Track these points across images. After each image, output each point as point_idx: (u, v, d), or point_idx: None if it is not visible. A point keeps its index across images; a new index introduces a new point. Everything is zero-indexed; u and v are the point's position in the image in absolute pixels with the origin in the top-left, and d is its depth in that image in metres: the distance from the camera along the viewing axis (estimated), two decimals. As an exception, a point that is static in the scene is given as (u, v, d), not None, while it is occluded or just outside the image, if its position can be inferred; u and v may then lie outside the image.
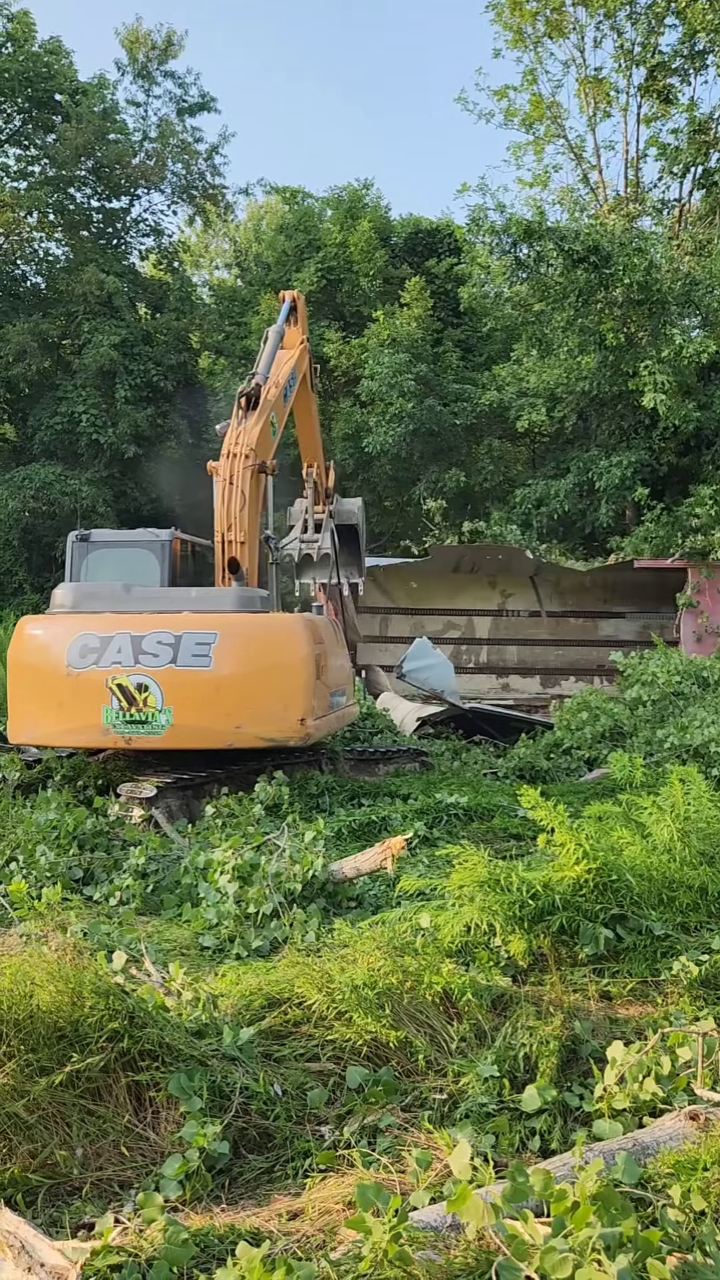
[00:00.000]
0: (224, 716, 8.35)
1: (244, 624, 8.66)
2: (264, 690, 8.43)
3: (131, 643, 8.43)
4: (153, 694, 8.33)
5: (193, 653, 8.35)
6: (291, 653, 8.55)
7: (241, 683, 8.38)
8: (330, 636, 9.95)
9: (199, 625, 8.46)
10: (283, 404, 11.03)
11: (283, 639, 8.64)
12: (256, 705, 8.38)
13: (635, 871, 5.27)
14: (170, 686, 8.33)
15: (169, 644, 8.38)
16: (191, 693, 8.34)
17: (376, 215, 28.44)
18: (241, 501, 9.62)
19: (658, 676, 12.76)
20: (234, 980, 4.51)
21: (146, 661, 8.37)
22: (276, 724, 8.39)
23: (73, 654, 8.51)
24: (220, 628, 8.46)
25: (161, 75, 28.24)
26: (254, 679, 8.43)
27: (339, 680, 9.96)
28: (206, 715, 8.35)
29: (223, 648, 8.36)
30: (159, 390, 25.37)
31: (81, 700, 8.44)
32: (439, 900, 5.55)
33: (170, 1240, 2.67)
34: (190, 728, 8.37)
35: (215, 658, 8.33)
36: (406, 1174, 3.20)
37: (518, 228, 18.14)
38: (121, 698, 8.36)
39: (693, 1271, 2.52)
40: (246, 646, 8.51)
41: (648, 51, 22.96)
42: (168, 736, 8.41)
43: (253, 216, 35.47)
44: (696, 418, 18.00)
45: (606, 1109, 3.58)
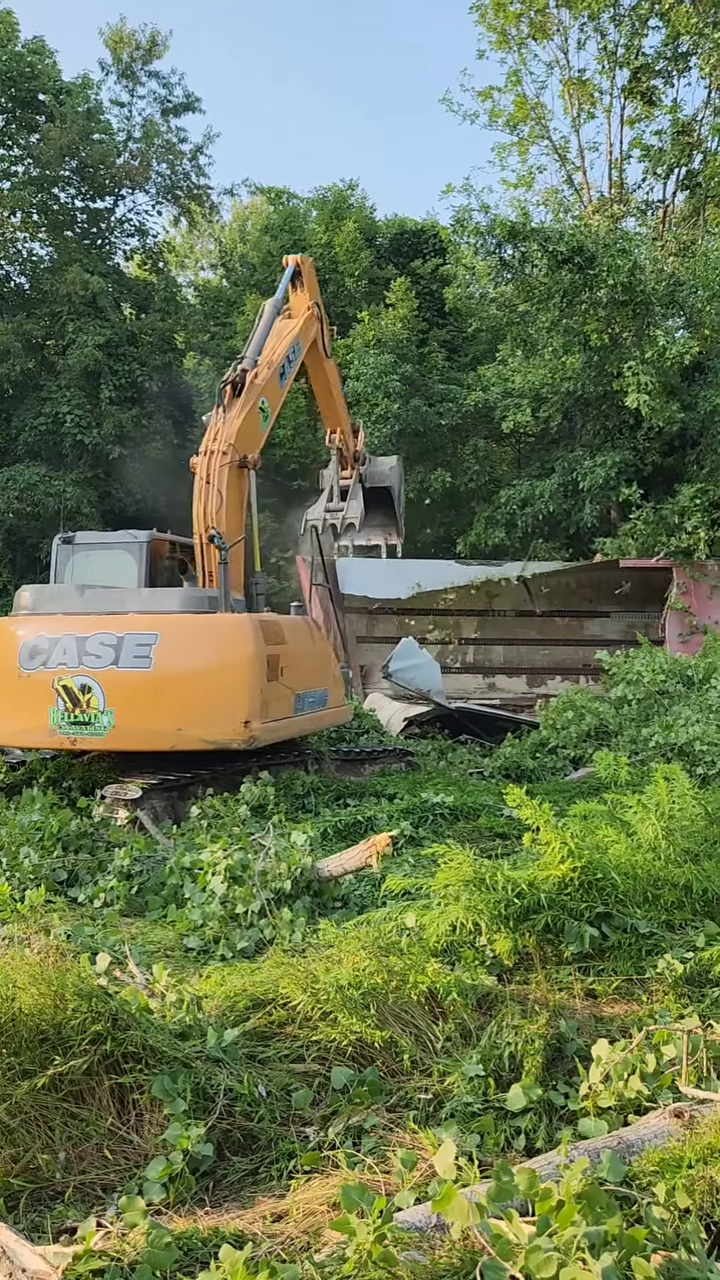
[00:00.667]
0: (165, 718, 8.26)
1: (186, 624, 8.57)
2: (205, 691, 8.31)
3: (76, 644, 8.40)
4: (95, 695, 8.31)
5: (134, 654, 8.30)
6: (235, 653, 8.41)
7: (182, 684, 8.29)
8: (302, 637, 9.80)
9: (141, 626, 8.41)
10: (278, 383, 10.78)
11: (226, 639, 8.49)
12: (198, 707, 8.27)
13: (620, 870, 5.27)
14: (112, 687, 8.29)
15: (111, 645, 8.34)
16: (133, 694, 8.28)
17: (361, 216, 28.45)
18: (219, 501, 9.49)
19: (643, 675, 12.79)
20: (219, 981, 4.49)
21: (90, 663, 8.36)
22: (218, 726, 8.26)
23: (24, 655, 8.51)
24: (162, 628, 8.40)
25: (146, 75, 28.16)
26: (195, 680, 8.34)
27: (312, 682, 9.79)
28: (148, 717, 8.27)
29: (163, 648, 8.30)
30: (144, 391, 25.29)
31: (31, 701, 8.44)
32: (424, 900, 5.54)
33: (153, 1243, 2.65)
34: (132, 729, 8.31)
35: (156, 658, 8.27)
36: (391, 1174, 3.19)
37: (502, 229, 18.16)
38: (66, 699, 8.35)
39: (678, 1269, 2.51)
40: (188, 647, 8.42)
41: (631, 53, 23.03)
42: (110, 738, 8.36)
43: (238, 217, 35.41)
44: (680, 418, 18.06)
45: (592, 1107, 3.58)
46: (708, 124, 22.49)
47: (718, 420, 17.76)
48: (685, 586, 17.78)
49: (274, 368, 10.64)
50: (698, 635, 17.20)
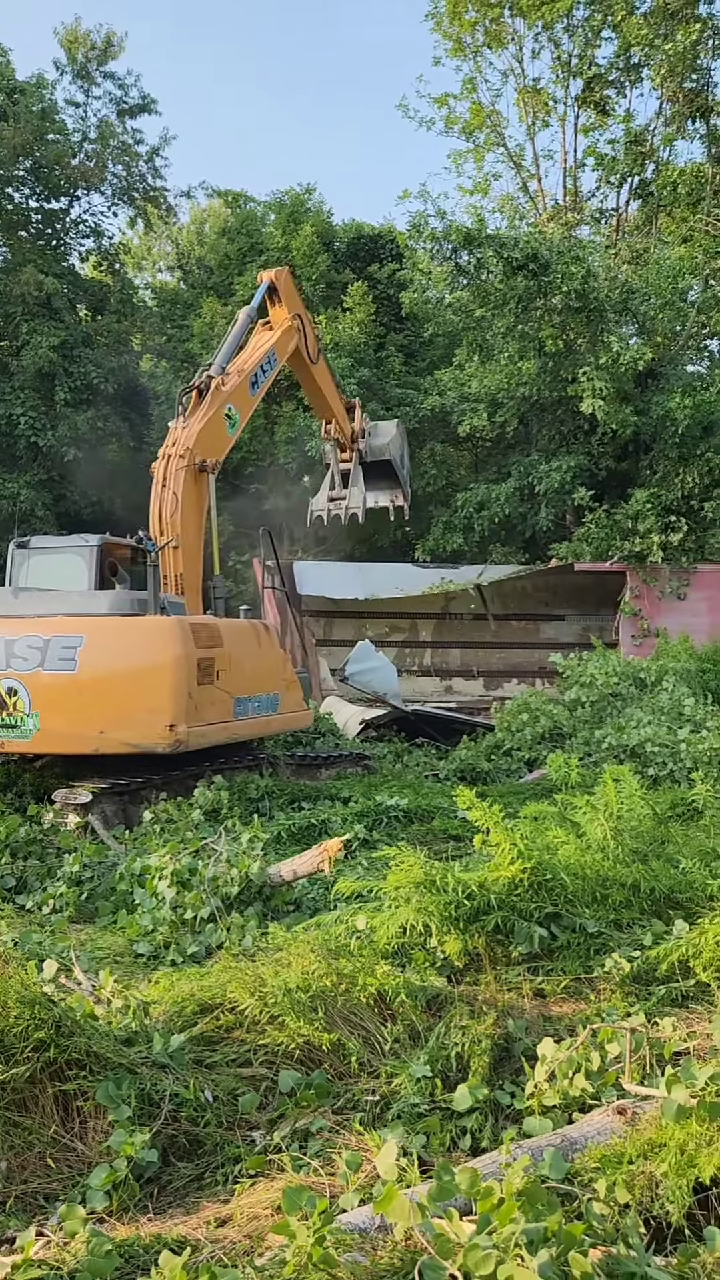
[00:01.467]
0: (88, 721, 8.24)
1: (111, 627, 8.56)
2: (128, 694, 8.29)
3: (4, 646, 8.39)
4: (21, 698, 8.29)
5: (59, 656, 8.29)
6: (160, 655, 8.37)
7: (105, 686, 8.27)
8: (245, 640, 9.75)
9: (67, 629, 8.40)
10: (249, 392, 10.84)
11: (151, 642, 8.46)
12: (121, 710, 8.25)
13: (569, 870, 5.32)
14: (37, 690, 8.28)
15: (38, 648, 8.34)
16: (57, 696, 8.26)
17: (319, 220, 28.44)
18: (174, 504, 9.54)
19: (596, 678, 12.92)
20: (167, 987, 4.46)
21: (17, 665, 8.35)
22: (142, 729, 8.23)
23: None
24: (87, 631, 8.39)
25: (101, 76, 27.96)
26: (118, 683, 8.31)
27: (258, 685, 9.76)
28: (72, 720, 8.26)
29: (88, 651, 8.29)
30: (99, 393, 25.07)
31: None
32: (376, 902, 5.55)
33: (93, 1252, 2.63)
34: (57, 732, 8.30)
35: (80, 661, 8.26)
36: (336, 1177, 3.19)
37: (458, 235, 18.26)
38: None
39: (616, 1264, 2.54)
40: (112, 650, 8.40)
41: (584, 63, 23.28)
42: (35, 741, 8.35)
43: (195, 219, 35.26)
44: (634, 423, 18.27)
45: (537, 1106, 3.61)
46: (659, 134, 22.80)
47: (670, 426, 17.99)
48: (638, 590, 17.99)
49: (244, 376, 10.72)
50: (650, 638, 17.41)
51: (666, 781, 9.62)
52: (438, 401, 22.39)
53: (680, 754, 9.97)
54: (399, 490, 14.46)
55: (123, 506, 26.68)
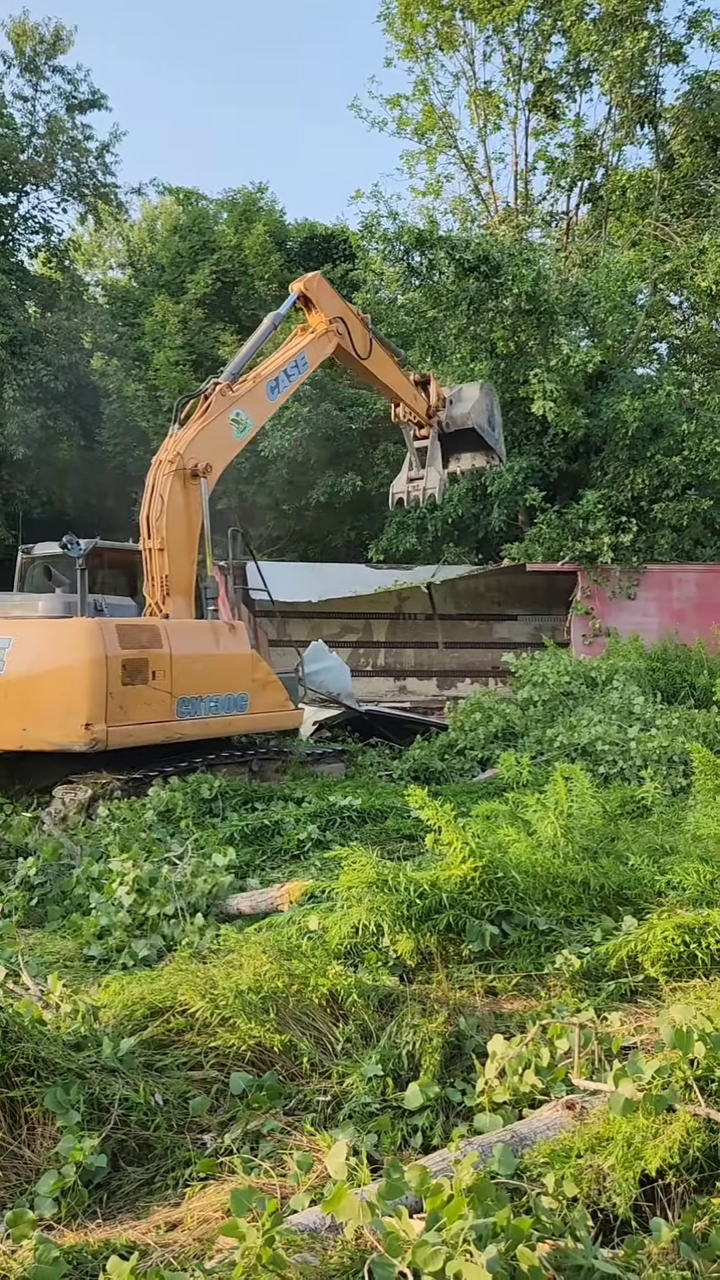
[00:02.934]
0: (13, 719, 8.68)
1: (38, 629, 9.01)
2: (47, 694, 8.67)
3: None
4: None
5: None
6: (75, 656, 8.68)
7: (26, 686, 8.68)
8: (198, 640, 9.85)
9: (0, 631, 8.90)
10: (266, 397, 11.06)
11: (68, 643, 8.80)
12: (41, 709, 8.64)
13: (520, 868, 5.36)
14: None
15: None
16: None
17: (271, 219, 28.40)
18: (160, 507, 9.72)
19: (548, 677, 13.03)
20: (116, 990, 4.43)
21: None
22: (59, 728, 8.57)
23: None
24: (15, 632, 8.87)
25: (50, 70, 27.66)
26: (39, 682, 8.70)
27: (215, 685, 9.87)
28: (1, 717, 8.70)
29: (15, 652, 8.75)
30: (49, 391, 24.80)
31: None
32: (329, 903, 5.56)
33: (41, 1258, 2.60)
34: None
35: (8, 661, 8.71)
36: (288, 1178, 3.19)
37: (410, 236, 18.32)
38: None
39: (564, 1257, 2.56)
40: (36, 650, 8.80)
41: (535, 67, 23.49)
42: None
43: (147, 216, 35.00)
44: (585, 424, 18.46)
45: (487, 1103, 3.63)
46: (609, 139, 23.07)
47: (620, 428, 18.21)
48: (589, 590, 18.19)
49: (261, 381, 10.99)
50: (601, 637, 17.62)
51: (617, 779, 9.74)
52: (391, 402, 22.43)
53: (630, 752, 10.10)
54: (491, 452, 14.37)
55: (74, 506, 26.43)
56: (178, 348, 25.34)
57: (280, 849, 7.66)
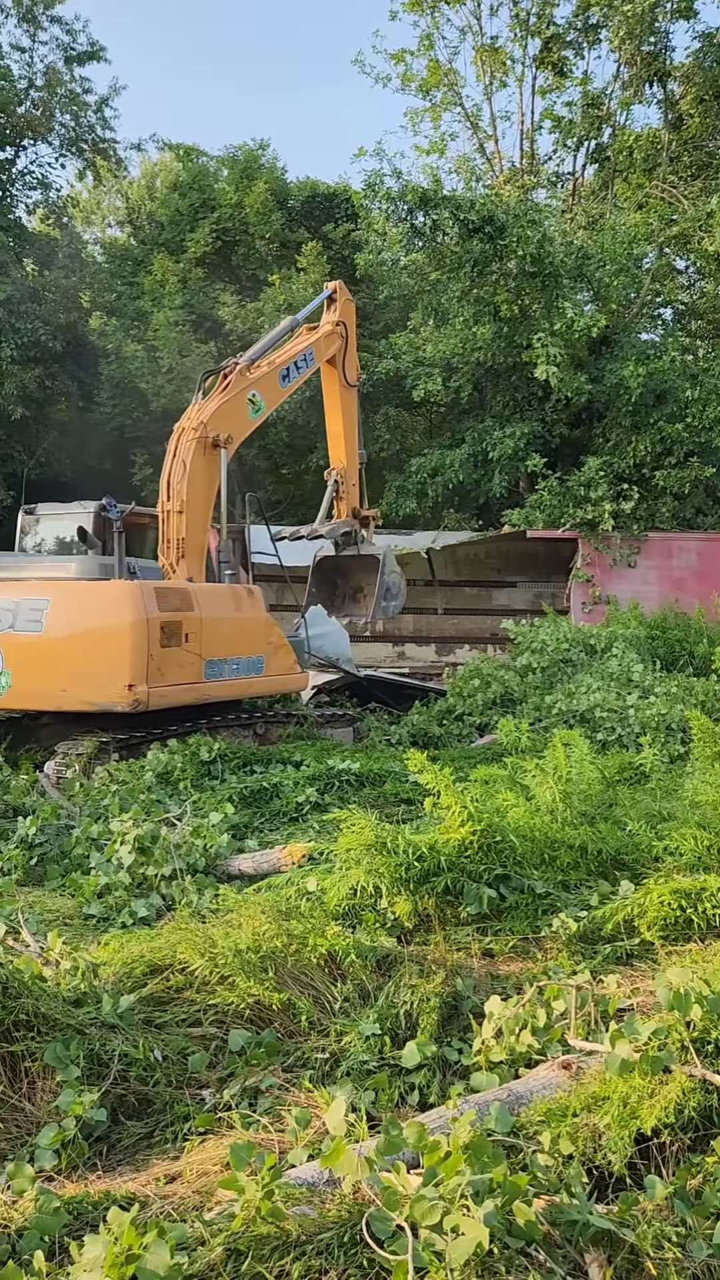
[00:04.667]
0: (52, 680, 8.76)
1: (76, 590, 9.03)
2: (88, 655, 8.75)
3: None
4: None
5: (27, 618, 8.79)
6: (118, 618, 8.74)
7: (67, 647, 8.75)
8: (221, 603, 9.99)
9: (35, 592, 8.93)
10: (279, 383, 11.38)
11: (110, 605, 8.85)
12: (81, 669, 8.72)
13: (518, 832, 5.38)
14: (9, 650, 8.83)
15: (9, 609, 8.87)
16: (26, 656, 8.80)
17: (273, 177, 27.96)
18: (181, 471, 9.87)
19: (547, 644, 13.03)
20: (116, 948, 4.45)
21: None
22: (101, 689, 8.66)
23: None
24: (52, 594, 8.90)
25: (48, 20, 27.07)
26: (78, 643, 8.77)
27: (236, 648, 10.03)
28: (38, 678, 8.80)
29: (53, 613, 8.79)
30: (47, 350, 24.51)
31: None
32: (327, 864, 5.58)
33: (41, 1209, 2.63)
34: (24, 690, 8.88)
35: (46, 623, 8.77)
36: (286, 1133, 3.22)
37: (414, 195, 18.07)
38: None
39: (559, 1212, 2.59)
40: (74, 612, 8.87)
41: (543, 22, 23.05)
42: (7, 698, 8.92)
43: (146, 173, 34.45)
44: (588, 390, 18.32)
45: (484, 1062, 3.66)
46: (616, 98, 22.70)
47: (623, 394, 18.06)
48: (589, 557, 18.15)
49: (276, 367, 11.30)
50: (601, 605, 17.60)
51: (615, 746, 9.76)
52: (392, 365, 22.25)
53: (628, 719, 10.11)
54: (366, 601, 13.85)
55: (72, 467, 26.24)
56: (177, 307, 25.05)
57: (279, 811, 7.68)
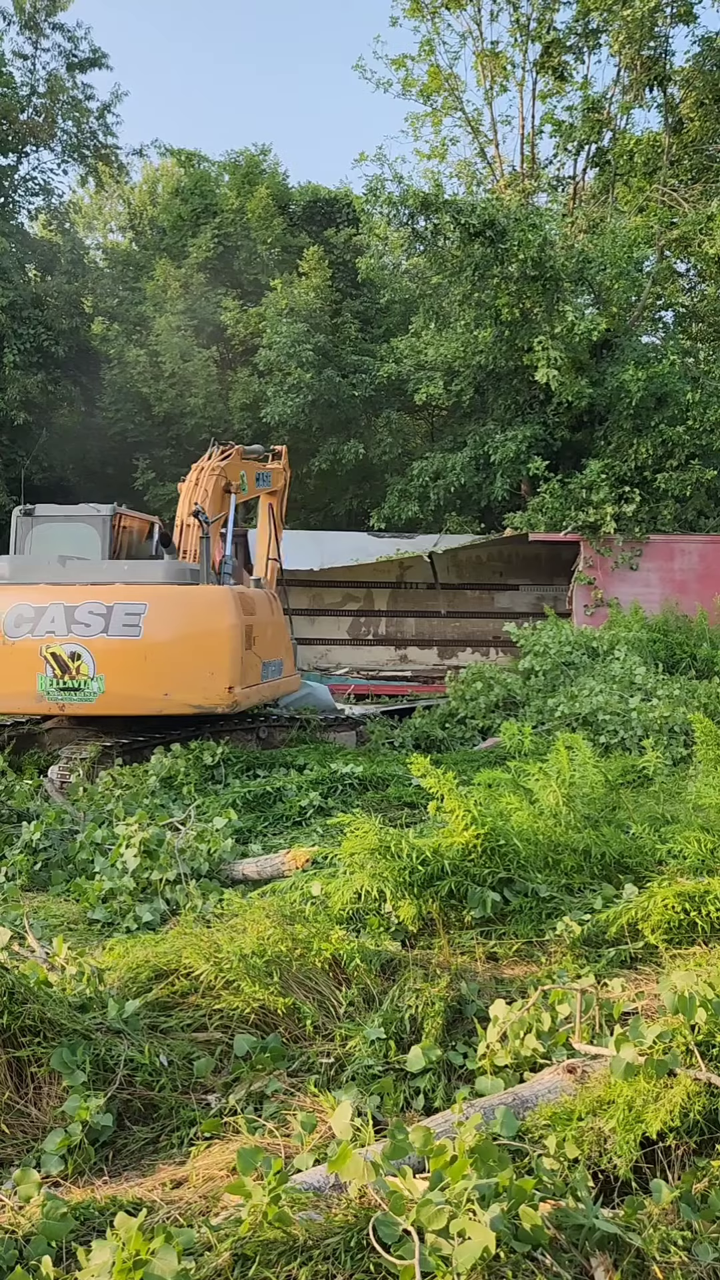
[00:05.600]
0: (152, 684, 8.79)
1: (172, 595, 9.09)
2: (191, 658, 8.84)
3: (65, 612, 8.83)
4: (85, 662, 8.76)
5: (123, 622, 8.79)
6: (218, 622, 8.94)
7: (169, 651, 8.81)
8: (265, 608, 10.28)
9: (129, 596, 8.90)
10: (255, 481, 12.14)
11: (210, 609, 9.03)
12: (184, 673, 8.81)
13: (522, 836, 5.38)
14: (102, 655, 8.77)
15: (101, 614, 8.83)
16: (122, 661, 8.77)
17: (274, 182, 28.01)
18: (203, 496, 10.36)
19: (549, 647, 13.03)
20: (121, 953, 4.46)
21: (78, 630, 8.80)
22: (203, 691, 8.79)
23: (9, 623, 8.88)
24: (149, 598, 8.90)
25: (50, 28, 27.16)
26: (181, 647, 8.85)
27: (274, 651, 10.28)
28: (136, 683, 8.80)
29: (152, 617, 8.81)
30: (50, 355, 24.57)
31: (16, 667, 8.80)
32: (332, 869, 5.59)
33: (48, 1215, 2.64)
34: (121, 695, 8.83)
35: (145, 627, 8.79)
36: (291, 1138, 3.22)
37: (415, 199, 18.07)
38: (55, 665, 8.76)
39: (565, 1216, 2.60)
40: (174, 616, 8.93)
41: (543, 27, 23.05)
42: (99, 703, 8.86)
43: (148, 179, 34.50)
44: (589, 394, 18.31)
45: (489, 1066, 3.66)
46: (617, 102, 22.70)
47: (624, 397, 18.06)
48: (591, 560, 18.14)
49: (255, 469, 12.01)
50: (603, 608, 17.59)
51: (618, 749, 9.76)
52: (394, 369, 22.27)
53: (631, 722, 10.11)
54: None
55: (75, 472, 26.28)
56: (179, 313, 25.09)
57: (282, 815, 7.70)
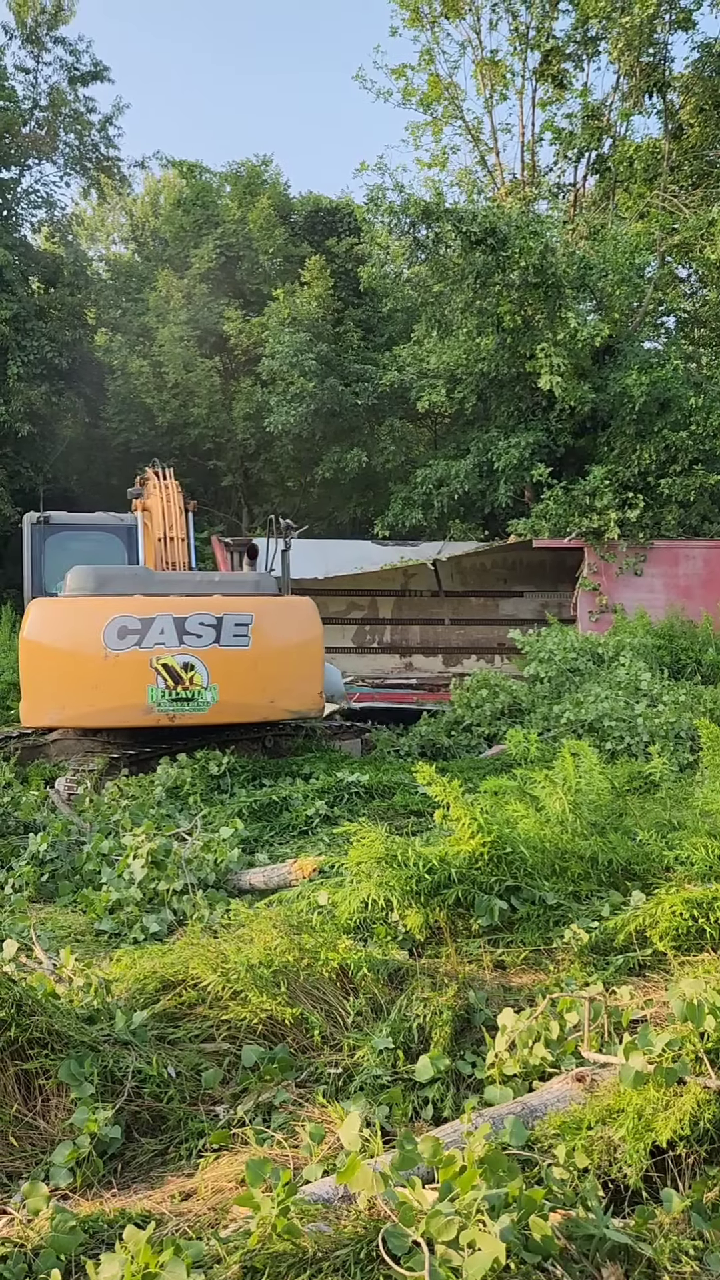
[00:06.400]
0: (260, 692, 9.14)
1: (272, 606, 9.49)
2: (291, 666, 9.27)
3: (174, 624, 8.99)
4: (199, 672, 8.96)
5: (233, 633, 9.08)
6: (312, 631, 9.44)
7: (274, 660, 9.20)
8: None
9: (236, 608, 9.20)
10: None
11: (303, 619, 9.49)
12: (287, 681, 9.23)
13: (529, 843, 5.37)
14: (215, 664, 9.01)
15: (212, 625, 9.06)
16: (234, 670, 9.07)
17: (276, 192, 28.12)
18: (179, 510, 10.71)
19: (554, 654, 13.01)
20: (128, 965, 4.46)
21: (190, 642, 8.99)
22: (301, 698, 9.27)
23: (109, 636, 8.91)
24: (253, 610, 9.24)
25: (51, 41, 27.31)
26: (283, 656, 9.25)
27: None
28: (246, 691, 9.11)
29: (258, 628, 9.16)
30: (54, 367, 24.67)
31: (123, 680, 8.88)
32: (338, 878, 5.58)
33: (57, 1228, 2.63)
34: (232, 703, 9.11)
35: (253, 637, 9.12)
36: (300, 1149, 3.22)
37: (416, 208, 18.13)
38: (167, 677, 8.90)
39: (575, 1226, 2.59)
40: (276, 626, 9.32)
41: (542, 36, 23.13)
42: (211, 713, 9.07)
43: (150, 190, 34.66)
44: (591, 399, 18.33)
45: (497, 1075, 3.65)
46: (616, 109, 22.76)
47: (627, 403, 18.07)
48: (596, 566, 18.13)
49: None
50: (608, 614, 17.57)
51: (624, 755, 9.73)
52: (396, 377, 22.30)
53: (637, 728, 10.09)
54: None
55: (79, 483, 26.36)
56: (182, 323, 25.18)
57: (288, 825, 7.68)
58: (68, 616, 9.10)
